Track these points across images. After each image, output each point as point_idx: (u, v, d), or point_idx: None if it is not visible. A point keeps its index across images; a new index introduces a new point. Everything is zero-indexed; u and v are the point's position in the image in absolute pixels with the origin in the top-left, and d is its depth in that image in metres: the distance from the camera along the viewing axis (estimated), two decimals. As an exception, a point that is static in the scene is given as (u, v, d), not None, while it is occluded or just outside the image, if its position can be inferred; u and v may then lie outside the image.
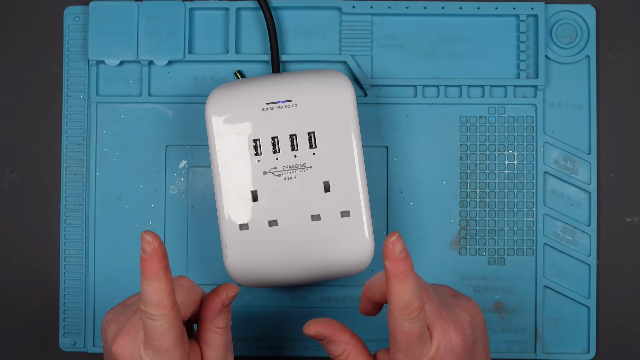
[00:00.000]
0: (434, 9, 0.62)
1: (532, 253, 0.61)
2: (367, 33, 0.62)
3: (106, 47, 0.61)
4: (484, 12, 0.62)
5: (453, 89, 0.62)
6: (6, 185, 0.63)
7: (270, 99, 0.53)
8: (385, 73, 0.62)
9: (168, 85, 0.62)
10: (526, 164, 0.61)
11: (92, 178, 0.62)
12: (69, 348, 0.62)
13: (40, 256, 0.63)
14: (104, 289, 0.61)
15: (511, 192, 0.61)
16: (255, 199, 0.53)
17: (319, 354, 0.61)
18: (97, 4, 0.61)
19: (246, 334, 0.62)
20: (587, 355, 0.61)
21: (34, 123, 0.63)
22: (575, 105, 0.62)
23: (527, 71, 0.62)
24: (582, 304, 0.61)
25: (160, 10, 0.61)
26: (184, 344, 0.44)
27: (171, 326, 0.43)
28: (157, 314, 0.42)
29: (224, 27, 0.62)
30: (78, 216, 0.62)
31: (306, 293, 0.62)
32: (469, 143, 0.62)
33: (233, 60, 0.62)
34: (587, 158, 0.62)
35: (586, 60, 0.62)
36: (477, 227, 0.61)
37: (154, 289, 0.42)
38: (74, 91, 0.62)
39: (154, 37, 0.61)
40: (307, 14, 0.62)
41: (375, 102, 0.62)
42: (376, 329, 0.61)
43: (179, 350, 0.44)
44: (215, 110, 0.53)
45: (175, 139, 0.62)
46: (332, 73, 0.55)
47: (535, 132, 0.61)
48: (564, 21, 0.62)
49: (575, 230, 0.61)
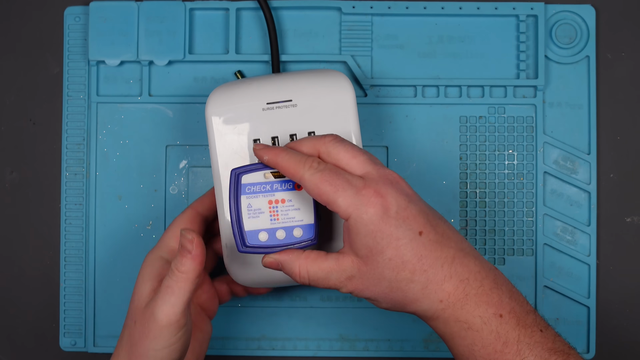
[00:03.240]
0: (434, 9, 0.62)
1: (532, 253, 0.61)
2: (367, 33, 0.62)
3: (106, 47, 0.61)
4: (484, 12, 0.62)
5: (453, 89, 0.62)
6: (6, 185, 0.63)
7: (270, 99, 0.53)
8: (385, 73, 0.62)
9: (168, 85, 0.62)
10: (526, 164, 0.61)
11: (92, 178, 0.62)
12: (69, 348, 0.62)
13: (40, 256, 0.63)
14: (104, 289, 0.61)
15: (511, 192, 0.61)
16: None
17: (319, 354, 0.61)
18: (97, 4, 0.61)
19: (246, 334, 0.62)
20: (587, 355, 0.61)
21: (34, 123, 0.63)
22: (575, 105, 0.62)
23: (527, 71, 0.62)
24: (582, 304, 0.61)
25: (160, 10, 0.61)
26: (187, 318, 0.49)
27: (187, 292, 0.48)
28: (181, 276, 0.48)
29: (224, 27, 0.62)
30: (78, 216, 0.62)
31: (306, 293, 0.62)
32: (469, 143, 0.62)
33: (233, 60, 0.62)
34: (587, 158, 0.62)
35: (586, 60, 0.62)
36: (477, 227, 0.61)
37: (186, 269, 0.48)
38: (74, 91, 0.62)
39: (154, 37, 0.61)
40: (307, 14, 0.62)
41: (375, 102, 0.62)
42: (376, 329, 0.61)
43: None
44: (216, 110, 0.53)
45: (175, 139, 0.62)
46: (332, 73, 0.55)
47: (535, 132, 0.62)
48: (564, 21, 0.62)
49: (575, 230, 0.61)
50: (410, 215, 0.46)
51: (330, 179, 0.46)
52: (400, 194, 0.46)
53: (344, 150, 0.47)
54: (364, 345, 0.61)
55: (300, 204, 0.50)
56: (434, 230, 0.46)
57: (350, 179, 0.46)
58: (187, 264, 0.48)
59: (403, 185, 0.47)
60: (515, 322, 0.45)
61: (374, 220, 0.45)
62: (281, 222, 0.49)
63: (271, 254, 0.49)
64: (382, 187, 0.46)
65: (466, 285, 0.46)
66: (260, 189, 0.49)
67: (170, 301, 0.48)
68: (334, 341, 0.61)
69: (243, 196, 0.49)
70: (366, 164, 0.47)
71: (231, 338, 0.62)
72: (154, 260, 0.52)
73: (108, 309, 0.61)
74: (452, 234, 0.47)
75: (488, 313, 0.45)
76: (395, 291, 0.46)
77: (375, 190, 0.45)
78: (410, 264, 0.45)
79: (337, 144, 0.48)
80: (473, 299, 0.45)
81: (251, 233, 0.49)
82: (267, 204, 0.49)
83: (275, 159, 0.48)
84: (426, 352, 0.61)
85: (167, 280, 0.48)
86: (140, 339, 0.48)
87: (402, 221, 0.45)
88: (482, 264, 0.47)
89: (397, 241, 0.45)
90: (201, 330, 0.56)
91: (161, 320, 0.47)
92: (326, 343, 0.61)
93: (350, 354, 0.61)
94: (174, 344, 0.48)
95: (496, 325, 0.45)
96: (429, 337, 0.61)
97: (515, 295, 0.47)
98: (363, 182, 0.46)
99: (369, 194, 0.45)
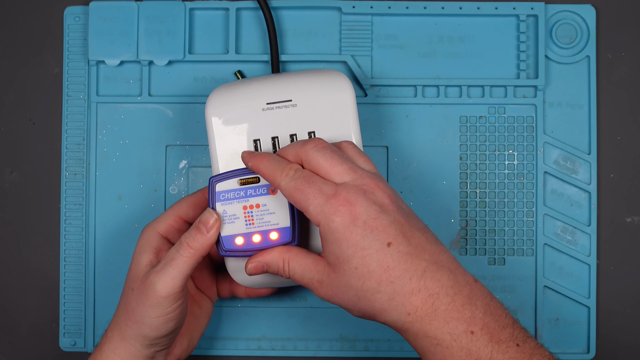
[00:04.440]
0: (434, 9, 0.62)
1: (532, 253, 0.61)
2: (367, 33, 0.62)
3: (106, 47, 0.61)
4: (484, 12, 0.62)
5: (453, 89, 0.62)
6: (6, 185, 0.63)
7: (270, 99, 0.53)
8: (385, 73, 0.62)
9: (168, 85, 0.62)
10: (526, 164, 0.61)
11: (92, 178, 0.62)
12: (69, 348, 0.62)
13: (40, 256, 0.63)
14: (104, 289, 0.61)
15: (511, 192, 0.61)
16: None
17: (319, 354, 0.61)
18: (97, 4, 0.61)
19: (246, 334, 0.62)
20: (587, 355, 0.61)
21: (34, 123, 0.63)
22: (575, 105, 0.62)
23: (527, 71, 0.62)
24: (582, 304, 0.61)
25: (160, 10, 0.61)
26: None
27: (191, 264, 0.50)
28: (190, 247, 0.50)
29: (224, 27, 0.62)
30: (78, 216, 0.62)
31: (306, 293, 0.62)
32: (469, 143, 0.62)
33: (233, 60, 0.62)
34: (587, 158, 0.62)
35: (586, 60, 0.62)
36: (477, 227, 0.61)
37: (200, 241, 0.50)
38: (74, 91, 0.62)
39: (154, 37, 0.61)
40: (307, 14, 0.62)
41: (375, 102, 0.62)
42: (376, 329, 0.61)
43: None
44: (215, 110, 0.53)
45: (175, 139, 0.62)
46: (331, 73, 0.55)
47: (535, 132, 0.61)
48: (564, 21, 0.62)
49: (575, 230, 0.61)
50: (379, 226, 0.45)
51: (303, 187, 0.46)
52: (371, 203, 0.46)
53: (324, 159, 0.47)
54: (364, 345, 0.61)
55: (276, 207, 0.51)
56: (407, 242, 0.45)
57: (322, 187, 0.46)
58: (199, 240, 0.49)
59: (379, 195, 0.46)
60: (488, 338, 0.44)
61: (339, 229, 0.45)
62: (256, 227, 0.51)
63: (252, 258, 0.50)
64: (353, 196, 0.45)
65: (435, 300, 0.45)
66: (235, 195, 0.51)
67: (172, 274, 0.49)
68: (334, 341, 0.61)
69: (218, 203, 0.51)
70: (344, 173, 0.47)
71: (231, 338, 0.62)
72: (151, 233, 0.53)
73: (108, 309, 0.61)
74: (428, 245, 0.46)
75: (458, 330, 0.44)
76: (362, 300, 0.46)
77: (345, 198, 0.45)
78: (376, 275, 0.45)
79: (317, 151, 0.48)
80: (442, 314, 0.45)
81: (227, 238, 0.51)
82: (242, 210, 0.51)
83: (258, 166, 0.49)
84: (426, 352, 0.61)
85: (172, 252, 0.50)
86: (137, 305, 0.50)
87: (369, 231, 0.45)
88: (455, 279, 0.46)
89: (363, 251, 0.45)
90: (200, 306, 0.57)
91: (160, 291, 0.49)
92: (326, 343, 0.61)
93: (350, 354, 0.61)
94: (170, 314, 0.50)
95: (467, 342, 0.44)
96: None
97: (492, 309, 0.46)
98: (334, 190, 0.46)
99: (337, 202, 0.45)
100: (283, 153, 0.50)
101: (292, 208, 0.51)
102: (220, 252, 0.51)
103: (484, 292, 0.46)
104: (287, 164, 0.48)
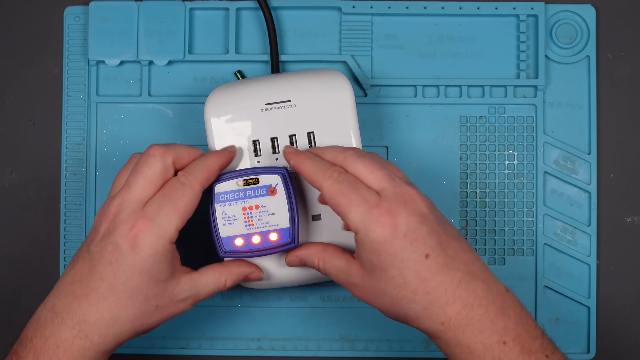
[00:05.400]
0: (434, 9, 0.61)
1: (532, 253, 0.61)
2: (367, 33, 0.62)
3: (106, 47, 0.61)
4: (484, 12, 0.61)
5: (453, 89, 0.62)
6: (6, 185, 0.63)
7: (269, 100, 0.53)
8: (385, 73, 0.62)
9: (168, 85, 0.62)
10: (526, 164, 0.61)
11: (92, 178, 0.62)
12: (69, 348, 0.62)
13: (40, 256, 0.63)
14: (104, 289, 0.61)
15: (511, 192, 0.61)
16: None
17: (319, 354, 0.61)
18: (97, 4, 0.61)
19: (246, 334, 0.62)
20: (587, 355, 0.61)
21: (34, 123, 0.63)
22: (575, 105, 0.62)
23: (527, 71, 0.62)
24: (582, 304, 0.61)
25: (160, 10, 0.61)
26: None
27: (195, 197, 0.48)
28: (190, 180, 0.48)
29: (224, 27, 0.62)
30: (78, 216, 0.62)
31: (306, 293, 0.62)
32: (469, 143, 0.62)
33: (233, 60, 0.62)
34: (587, 158, 0.62)
35: (586, 60, 0.62)
36: (477, 227, 0.61)
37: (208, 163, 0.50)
38: (74, 91, 0.62)
39: (154, 37, 0.61)
40: (307, 14, 0.62)
41: (375, 102, 0.61)
42: (376, 329, 0.61)
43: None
44: (214, 111, 0.53)
45: (175, 139, 0.62)
46: (330, 72, 0.55)
47: (535, 132, 0.61)
48: (564, 21, 0.62)
49: (575, 230, 0.61)
50: (419, 237, 0.46)
51: (347, 191, 0.46)
52: (412, 214, 0.46)
53: (363, 165, 0.48)
54: (364, 346, 0.61)
55: (275, 208, 0.51)
56: (443, 253, 0.46)
57: (366, 195, 0.46)
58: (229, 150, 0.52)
59: (419, 204, 0.47)
60: (520, 349, 0.45)
61: (380, 240, 0.45)
62: (256, 228, 0.51)
63: (292, 252, 0.51)
64: (395, 207, 0.46)
65: (469, 311, 0.45)
66: (234, 196, 0.51)
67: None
68: (334, 341, 0.61)
69: (217, 204, 0.51)
70: (383, 179, 0.47)
71: (231, 338, 0.62)
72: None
73: (108, 309, 0.61)
74: (463, 255, 0.47)
75: (491, 340, 0.45)
76: (396, 307, 0.47)
77: (387, 209, 0.46)
78: (413, 285, 0.45)
79: (357, 158, 0.48)
80: (476, 325, 0.45)
81: (227, 239, 0.51)
82: (241, 211, 0.51)
83: (300, 165, 0.49)
84: (426, 352, 0.61)
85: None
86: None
87: (409, 243, 0.45)
88: (489, 289, 0.46)
89: (401, 263, 0.45)
90: None
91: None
92: (326, 343, 0.61)
93: (350, 354, 0.61)
94: None
95: (499, 352, 0.45)
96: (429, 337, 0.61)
97: (523, 320, 0.46)
98: (377, 199, 0.46)
99: (380, 212, 0.46)
100: (320, 153, 0.50)
101: (291, 209, 0.51)
102: (220, 253, 0.51)
103: (515, 302, 0.47)
104: (330, 166, 0.48)
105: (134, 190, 0.48)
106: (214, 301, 0.61)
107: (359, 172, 0.48)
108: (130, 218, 0.47)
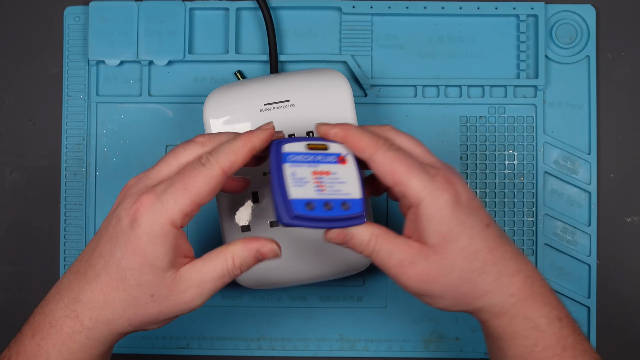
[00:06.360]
0: (434, 9, 0.61)
1: (532, 253, 0.61)
2: (367, 33, 0.62)
3: (106, 47, 0.61)
4: (484, 12, 0.62)
5: (453, 89, 0.62)
6: (6, 185, 0.63)
7: (267, 100, 0.53)
8: (385, 73, 0.62)
9: (168, 85, 0.62)
10: (526, 164, 0.61)
11: (92, 178, 0.62)
12: (69, 348, 0.62)
13: (40, 256, 0.63)
14: (104, 289, 0.61)
15: (511, 192, 0.61)
16: (256, 200, 0.53)
17: (319, 354, 0.61)
18: (97, 4, 0.61)
19: (246, 334, 0.62)
20: (587, 355, 0.61)
21: (34, 123, 0.63)
22: (575, 105, 0.62)
23: (527, 71, 0.62)
24: (582, 304, 0.61)
25: (160, 10, 0.61)
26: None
27: (213, 180, 0.44)
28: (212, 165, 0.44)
29: (224, 27, 0.62)
30: (78, 216, 0.62)
31: (306, 293, 0.62)
32: (469, 143, 0.62)
33: (233, 60, 0.62)
34: (587, 158, 0.62)
35: (586, 60, 0.62)
36: (477, 227, 0.61)
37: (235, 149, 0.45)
38: (74, 91, 0.62)
39: (154, 37, 0.61)
40: (307, 14, 0.62)
41: (375, 102, 0.62)
42: (376, 329, 0.61)
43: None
44: (213, 112, 0.53)
45: (175, 139, 0.62)
46: (328, 72, 0.55)
47: (535, 132, 0.61)
48: (564, 21, 0.62)
49: (575, 230, 0.61)
50: (478, 207, 0.45)
51: (405, 159, 0.44)
52: (466, 185, 0.45)
53: (407, 139, 0.47)
54: (364, 346, 0.61)
55: (346, 177, 0.46)
56: (497, 226, 0.46)
57: (423, 164, 0.45)
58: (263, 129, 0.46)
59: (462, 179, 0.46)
60: (572, 328, 0.45)
61: (448, 206, 0.43)
62: (328, 194, 0.45)
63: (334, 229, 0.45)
64: (452, 176, 0.45)
65: (532, 282, 0.45)
66: (304, 158, 0.46)
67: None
68: (334, 341, 0.61)
69: (286, 164, 0.45)
70: (428, 153, 0.46)
71: (231, 338, 0.62)
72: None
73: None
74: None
75: (551, 314, 0.44)
76: (465, 283, 0.44)
77: (446, 177, 0.44)
78: (482, 254, 0.44)
79: (398, 132, 0.47)
80: (538, 297, 0.44)
81: (297, 202, 0.44)
82: (312, 175, 0.45)
83: (348, 134, 0.45)
84: (426, 352, 0.61)
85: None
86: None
87: (472, 210, 0.44)
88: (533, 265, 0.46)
89: (471, 229, 0.44)
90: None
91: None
92: (326, 343, 0.61)
93: (350, 354, 0.61)
94: None
95: (558, 328, 0.44)
96: (429, 337, 0.61)
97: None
98: (435, 168, 0.45)
99: (442, 180, 0.44)
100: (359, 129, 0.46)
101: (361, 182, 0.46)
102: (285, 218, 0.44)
103: None
104: (379, 137, 0.45)
105: (158, 167, 0.45)
106: (214, 301, 0.61)
107: (405, 144, 0.46)
108: (138, 192, 0.43)
